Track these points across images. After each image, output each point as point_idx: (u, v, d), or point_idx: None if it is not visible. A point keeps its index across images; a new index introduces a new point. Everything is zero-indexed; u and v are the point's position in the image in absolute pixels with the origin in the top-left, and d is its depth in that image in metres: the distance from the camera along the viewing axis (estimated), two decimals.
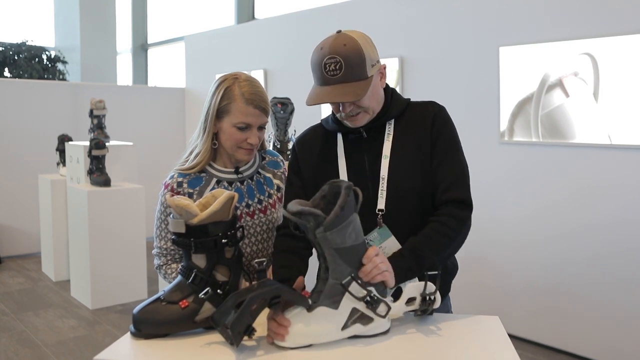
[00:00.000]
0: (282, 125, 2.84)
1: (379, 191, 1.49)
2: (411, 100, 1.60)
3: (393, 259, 1.39)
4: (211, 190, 1.62)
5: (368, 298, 1.29)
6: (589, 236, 3.40)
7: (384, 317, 1.31)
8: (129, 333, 1.34)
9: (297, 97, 3.52)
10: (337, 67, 1.40)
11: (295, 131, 2.93)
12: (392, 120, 1.55)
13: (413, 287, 1.37)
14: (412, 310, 1.39)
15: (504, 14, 3.76)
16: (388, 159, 1.50)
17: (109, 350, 1.27)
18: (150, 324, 1.32)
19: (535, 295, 3.66)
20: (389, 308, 1.33)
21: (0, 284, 5.07)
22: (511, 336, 1.53)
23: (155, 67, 9.71)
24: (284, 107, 2.82)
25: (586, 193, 3.40)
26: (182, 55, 7.39)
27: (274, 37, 5.80)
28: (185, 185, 1.63)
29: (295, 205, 1.26)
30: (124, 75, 10.22)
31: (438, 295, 1.38)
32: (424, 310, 1.38)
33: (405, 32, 4.38)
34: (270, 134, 2.92)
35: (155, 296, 1.37)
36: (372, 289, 1.30)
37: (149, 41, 9.74)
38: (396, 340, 1.32)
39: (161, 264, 1.65)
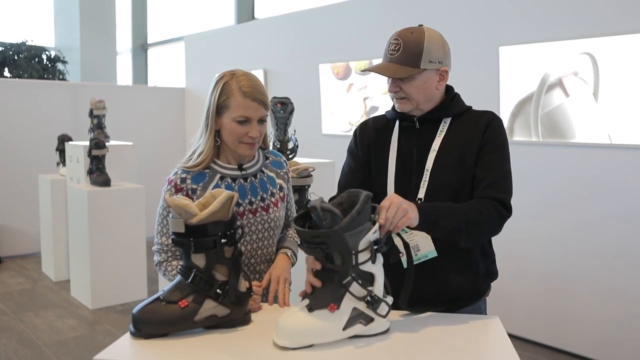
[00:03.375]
0: (282, 125, 2.84)
1: (422, 181, 1.57)
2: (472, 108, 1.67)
3: (421, 203, 1.46)
4: (215, 186, 1.63)
5: (369, 298, 1.29)
6: (589, 236, 3.40)
7: (384, 317, 1.31)
8: (128, 333, 1.34)
9: (297, 96, 3.52)
10: (397, 48, 1.53)
11: (295, 131, 2.92)
12: (449, 119, 1.61)
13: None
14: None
15: (504, 14, 3.76)
16: (435, 153, 1.58)
17: (108, 350, 1.27)
18: (150, 324, 1.31)
19: (535, 295, 3.66)
20: (390, 308, 1.33)
21: (0, 284, 5.07)
22: (511, 336, 1.53)
23: (155, 67, 9.71)
24: (284, 107, 2.81)
25: (586, 193, 3.40)
26: (182, 55, 7.39)
27: (274, 37, 5.80)
28: (189, 181, 1.63)
29: (316, 202, 1.29)
30: (124, 75, 10.22)
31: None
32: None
33: None
34: (270, 133, 2.91)
35: (154, 296, 1.37)
36: (372, 289, 1.31)
37: (149, 41, 9.74)
38: (396, 340, 1.32)
39: (162, 260, 1.65)
